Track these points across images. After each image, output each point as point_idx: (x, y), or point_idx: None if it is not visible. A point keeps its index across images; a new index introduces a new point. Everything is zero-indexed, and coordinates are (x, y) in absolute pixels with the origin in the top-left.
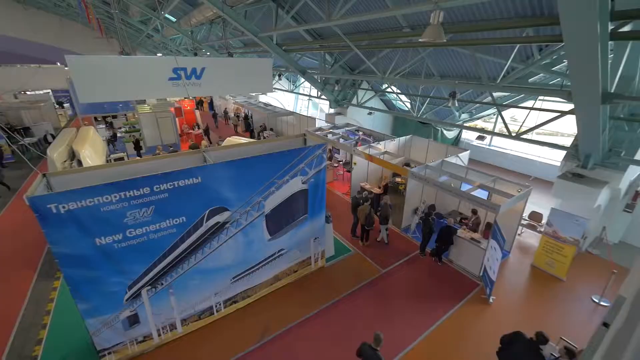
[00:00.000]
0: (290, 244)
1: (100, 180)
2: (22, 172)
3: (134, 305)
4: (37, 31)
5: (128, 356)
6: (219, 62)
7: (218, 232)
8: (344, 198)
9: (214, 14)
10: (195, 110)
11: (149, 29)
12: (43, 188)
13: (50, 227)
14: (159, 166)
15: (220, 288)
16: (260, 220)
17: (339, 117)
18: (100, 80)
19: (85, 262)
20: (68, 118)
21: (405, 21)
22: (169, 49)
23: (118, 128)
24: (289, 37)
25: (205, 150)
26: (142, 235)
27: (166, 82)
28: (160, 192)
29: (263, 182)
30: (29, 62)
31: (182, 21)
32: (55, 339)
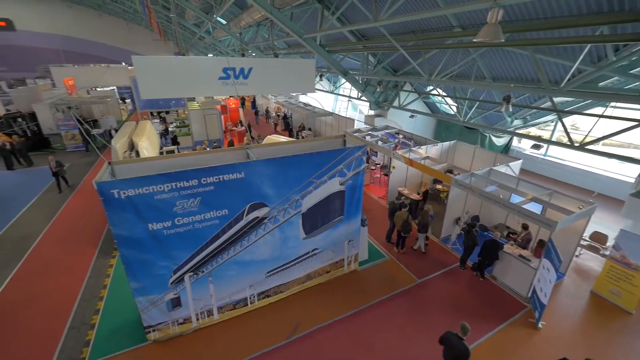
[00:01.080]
0: (324, 244)
1: (154, 170)
2: (90, 159)
3: (177, 289)
4: (108, 34)
5: (169, 335)
6: (266, 62)
7: (256, 227)
8: (380, 202)
9: (261, 16)
10: (240, 109)
11: (202, 31)
12: (108, 175)
13: (112, 210)
14: (206, 160)
15: (255, 281)
16: (297, 219)
17: (378, 119)
18: (160, 78)
19: (138, 245)
20: (128, 112)
21: (457, 20)
22: (218, 50)
23: (170, 123)
24: (332, 38)
25: (248, 147)
26: (188, 224)
27: (217, 81)
28: (206, 185)
29: (302, 181)
30: (99, 62)
31: (232, 23)
32: (110, 311)
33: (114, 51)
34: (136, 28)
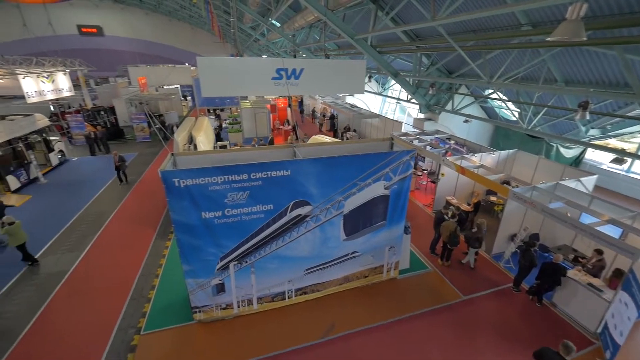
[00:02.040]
0: (364, 248)
1: (209, 163)
2: (155, 149)
3: (223, 275)
4: (176, 38)
5: (212, 318)
6: (317, 63)
7: (299, 224)
8: (425, 210)
9: (314, 18)
10: (288, 108)
11: (257, 33)
12: (171, 165)
13: (172, 197)
14: (255, 156)
15: (293, 276)
16: (339, 219)
17: (428, 123)
18: (219, 77)
19: (192, 231)
20: (189, 109)
21: (526, 17)
22: (271, 52)
23: (224, 120)
24: (384, 39)
25: (295, 146)
26: (236, 216)
27: (270, 81)
28: (255, 180)
29: (346, 182)
30: (167, 63)
31: (285, 26)
32: (163, 288)
33: (180, 53)
34: (199, 31)
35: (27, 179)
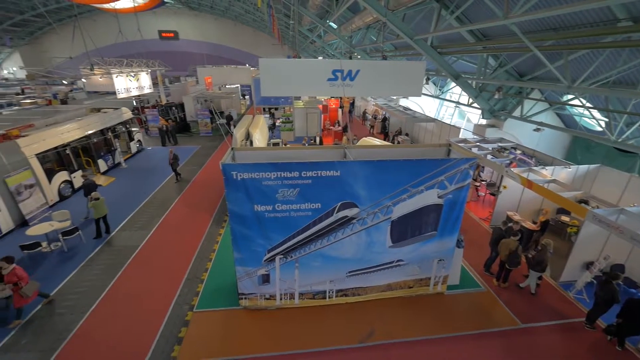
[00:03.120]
0: (410, 258)
1: (263, 159)
2: (215, 143)
3: (268, 267)
4: (239, 40)
5: (256, 306)
6: (374, 64)
7: (344, 225)
8: (482, 224)
9: (373, 19)
10: (339, 109)
11: (314, 35)
12: (230, 158)
13: (230, 188)
14: (306, 155)
15: (335, 277)
16: (386, 225)
17: (491, 130)
18: (279, 78)
19: (244, 221)
20: (246, 107)
21: (626, 12)
22: (326, 53)
23: (277, 118)
24: (446, 39)
25: (347, 147)
26: (286, 211)
27: (325, 82)
28: (305, 178)
29: (396, 187)
30: (229, 64)
31: (342, 27)
32: (215, 272)
33: (241, 54)
34: (260, 34)
35: (112, 163)
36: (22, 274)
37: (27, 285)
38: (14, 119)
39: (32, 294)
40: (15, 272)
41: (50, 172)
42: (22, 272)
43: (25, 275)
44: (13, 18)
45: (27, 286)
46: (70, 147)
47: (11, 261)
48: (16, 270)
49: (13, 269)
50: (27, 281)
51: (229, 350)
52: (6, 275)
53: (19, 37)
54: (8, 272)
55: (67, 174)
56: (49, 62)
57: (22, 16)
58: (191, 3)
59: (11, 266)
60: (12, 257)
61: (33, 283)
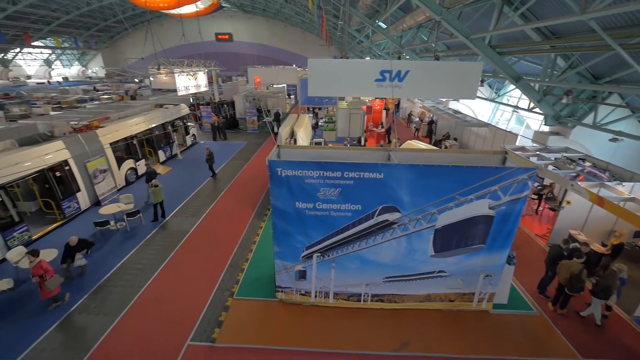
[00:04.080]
0: (453, 270)
1: (306, 158)
2: (260, 140)
3: (306, 263)
4: (287, 41)
5: (291, 300)
6: (425, 65)
7: (384, 230)
8: (537, 241)
9: (425, 18)
10: (383, 110)
11: (362, 35)
12: (276, 155)
13: (274, 184)
14: (349, 156)
15: (372, 281)
16: (428, 233)
17: (554, 138)
18: (326, 78)
19: (285, 217)
20: (291, 106)
21: None
22: (373, 53)
23: (320, 118)
24: (506, 38)
25: (391, 149)
26: (326, 210)
27: (372, 83)
28: (348, 178)
29: (442, 194)
30: (277, 64)
31: (392, 27)
32: (255, 263)
33: (289, 55)
34: (308, 35)
35: (170, 154)
36: (48, 267)
37: (51, 279)
38: (94, 112)
39: (55, 288)
40: (41, 265)
41: (120, 159)
42: (47, 265)
43: (51, 269)
44: (98, 24)
45: (51, 279)
46: (136, 138)
47: (37, 254)
48: (42, 264)
49: (39, 262)
50: (52, 274)
51: (264, 340)
52: (32, 268)
53: (102, 41)
54: (34, 265)
55: (133, 162)
56: (124, 63)
57: (105, 23)
58: (245, 7)
59: (37, 259)
60: (38, 251)
61: (57, 277)
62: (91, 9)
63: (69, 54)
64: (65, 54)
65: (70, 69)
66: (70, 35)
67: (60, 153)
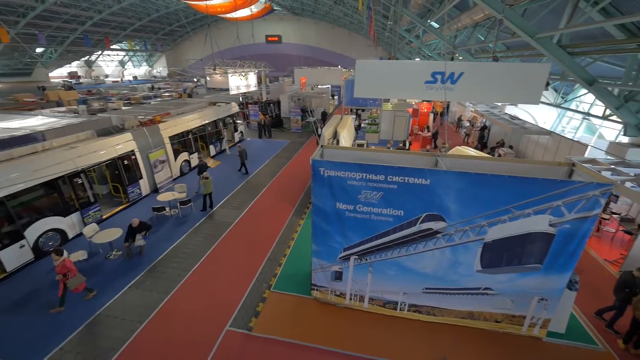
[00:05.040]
0: (502, 288)
1: (349, 159)
2: (302, 139)
3: (342, 265)
4: (334, 42)
5: (325, 300)
6: (481, 66)
7: (427, 238)
8: (606, 267)
9: (484, 16)
10: (430, 114)
11: (411, 36)
12: (319, 155)
13: (316, 183)
14: (393, 159)
15: (410, 290)
16: (476, 246)
17: (635, 151)
18: (374, 79)
19: (325, 217)
20: (334, 107)
21: None
22: (422, 54)
23: (363, 120)
24: (580, 36)
25: (439, 155)
26: (366, 213)
27: (422, 85)
28: (391, 182)
29: (495, 206)
30: (323, 65)
31: (445, 26)
32: (292, 258)
33: (335, 56)
34: (355, 36)
35: (219, 149)
36: (71, 266)
37: (74, 278)
38: (157, 108)
39: (79, 286)
40: (64, 264)
41: (176, 152)
42: (71, 265)
43: (74, 268)
44: (164, 29)
45: (73, 278)
46: (192, 133)
47: (60, 253)
48: (65, 263)
49: (63, 261)
50: (74, 274)
51: (297, 335)
52: (57, 267)
53: (166, 43)
54: (58, 264)
55: (188, 154)
56: (185, 63)
57: (170, 27)
58: (295, 9)
59: (61, 258)
60: (62, 250)
61: (79, 277)
62: (159, 15)
63: (139, 56)
64: (136, 56)
65: (139, 69)
66: (140, 39)
67: (129, 144)
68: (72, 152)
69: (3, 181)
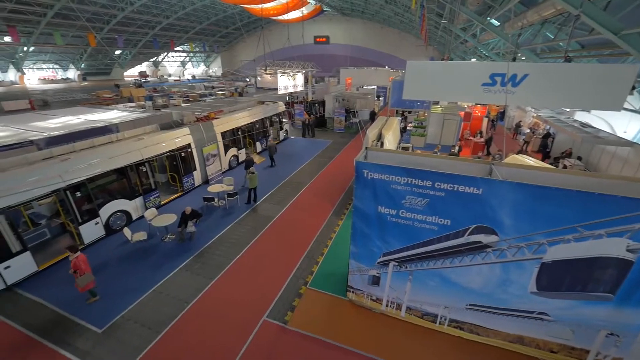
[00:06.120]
0: (561, 315)
1: (393, 162)
2: (345, 140)
3: (381, 270)
4: (382, 42)
5: (361, 303)
6: (550, 68)
7: (475, 252)
8: None
9: (555, 12)
10: (485, 118)
11: (467, 35)
12: (363, 157)
13: (359, 185)
14: (441, 165)
15: (452, 304)
16: (532, 265)
17: None
18: (425, 81)
19: (366, 219)
20: (379, 108)
21: None
22: (478, 54)
23: (409, 122)
24: None
25: (495, 163)
26: (409, 219)
27: (479, 87)
28: (438, 189)
29: (558, 223)
30: (369, 65)
31: (507, 24)
32: (329, 257)
33: (383, 56)
34: (405, 36)
35: (265, 146)
36: (81, 265)
37: (84, 276)
38: (211, 105)
39: (85, 285)
40: (76, 261)
41: (226, 147)
42: (82, 263)
43: (83, 267)
44: (221, 32)
45: (83, 276)
46: (241, 130)
47: (74, 250)
48: (78, 260)
49: (76, 258)
50: (83, 272)
51: (330, 334)
52: (72, 262)
53: (222, 45)
54: (73, 259)
55: (236, 150)
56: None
57: (226, 30)
58: (345, 10)
59: (75, 254)
60: (76, 246)
61: (88, 276)
62: (217, 18)
63: (197, 57)
64: (195, 57)
65: (197, 69)
66: (200, 41)
67: (186, 138)
68: (140, 143)
69: (86, 166)
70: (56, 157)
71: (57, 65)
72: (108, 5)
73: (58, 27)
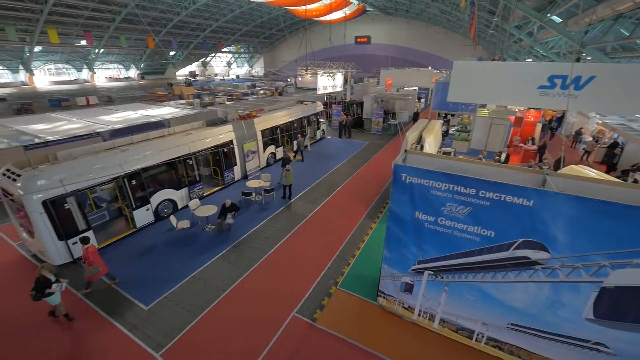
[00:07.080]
0: (622, 348)
1: (434, 167)
2: (382, 142)
3: (414, 277)
4: (427, 42)
5: (391, 310)
6: (624, 69)
7: (521, 268)
8: None
9: (634, 5)
10: (538, 124)
11: (522, 33)
12: (402, 160)
13: (396, 189)
14: (487, 172)
15: (491, 321)
16: (589, 289)
17: None
18: (473, 82)
19: (402, 224)
20: (420, 110)
21: None
22: (534, 54)
23: (452, 126)
24: None
25: (550, 173)
26: (448, 227)
27: (534, 90)
28: (483, 198)
29: (624, 244)
30: (411, 66)
31: (571, 20)
32: (361, 260)
33: (426, 57)
34: (452, 35)
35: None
36: (89, 256)
37: (90, 268)
38: (252, 104)
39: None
40: (86, 252)
41: (265, 144)
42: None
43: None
44: (265, 33)
45: (89, 268)
46: (279, 128)
47: (86, 242)
48: (87, 251)
49: (86, 249)
50: (90, 264)
51: (358, 337)
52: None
53: (265, 46)
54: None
55: (274, 147)
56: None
57: (270, 31)
58: (388, 9)
59: (85, 246)
60: (88, 238)
61: (95, 268)
62: (262, 20)
63: (242, 57)
64: (240, 57)
65: (241, 69)
66: (245, 42)
67: (229, 134)
68: (188, 138)
69: (142, 157)
70: (117, 148)
71: (120, 65)
72: (166, 10)
73: (123, 31)
